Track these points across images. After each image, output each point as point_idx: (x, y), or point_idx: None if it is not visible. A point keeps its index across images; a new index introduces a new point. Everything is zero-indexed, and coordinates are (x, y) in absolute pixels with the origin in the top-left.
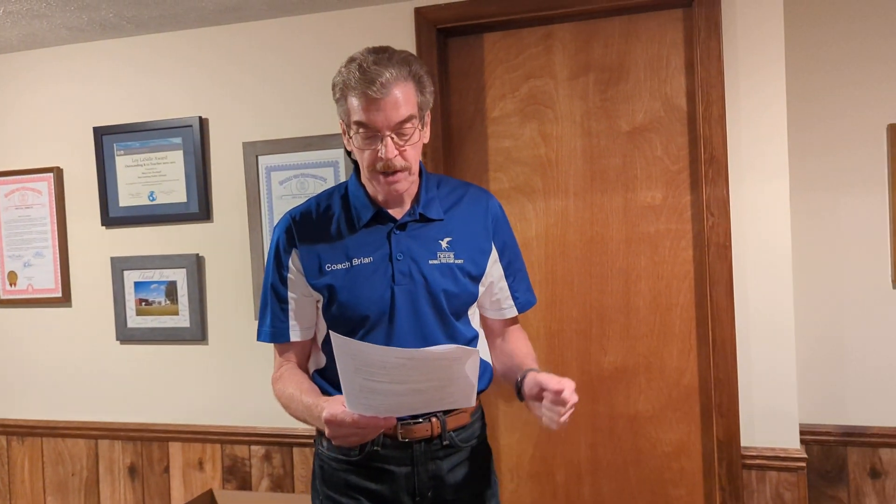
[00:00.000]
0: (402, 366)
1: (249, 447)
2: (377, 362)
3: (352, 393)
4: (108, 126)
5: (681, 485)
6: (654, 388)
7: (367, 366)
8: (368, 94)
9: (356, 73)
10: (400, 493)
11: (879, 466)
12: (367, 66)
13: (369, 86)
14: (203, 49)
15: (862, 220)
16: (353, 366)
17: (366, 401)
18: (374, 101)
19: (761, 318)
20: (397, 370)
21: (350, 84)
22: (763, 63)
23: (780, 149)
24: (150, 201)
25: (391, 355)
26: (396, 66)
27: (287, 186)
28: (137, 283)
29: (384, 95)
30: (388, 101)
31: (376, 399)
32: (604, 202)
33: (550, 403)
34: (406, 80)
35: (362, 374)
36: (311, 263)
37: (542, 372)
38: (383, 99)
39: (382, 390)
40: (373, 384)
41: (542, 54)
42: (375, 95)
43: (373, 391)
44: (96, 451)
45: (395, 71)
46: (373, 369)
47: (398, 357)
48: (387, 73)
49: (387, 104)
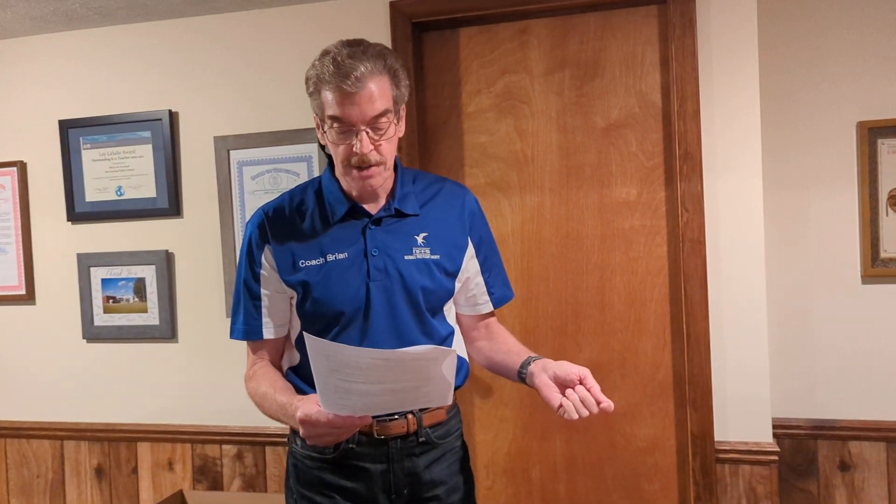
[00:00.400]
0: (377, 367)
1: (221, 446)
2: (352, 363)
3: (326, 393)
4: (74, 119)
5: (655, 479)
6: (629, 384)
7: (343, 367)
8: (343, 87)
9: (330, 67)
10: (375, 490)
11: (849, 459)
12: (341, 60)
13: (344, 80)
14: (173, 41)
15: (832, 217)
16: (328, 366)
17: (341, 401)
18: (349, 96)
19: (735, 313)
20: (373, 371)
21: (324, 78)
22: (737, 60)
23: (754, 145)
24: (118, 196)
25: (366, 356)
26: (371, 60)
27: (259, 181)
28: (105, 279)
29: (359, 89)
30: (362, 95)
31: (351, 399)
32: (579, 198)
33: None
34: (381, 73)
35: (337, 375)
36: (284, 259)
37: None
38: (358, 93)
39: (358, 390)
40: (348, 384)
41: (517, 49)
42: (350, 89)
43: (348, 391)
44: (62, 453)
45: (370, 64)
46: (348, 370)
47: (374, 358)
48: (361, 66)
49: (361, 98)
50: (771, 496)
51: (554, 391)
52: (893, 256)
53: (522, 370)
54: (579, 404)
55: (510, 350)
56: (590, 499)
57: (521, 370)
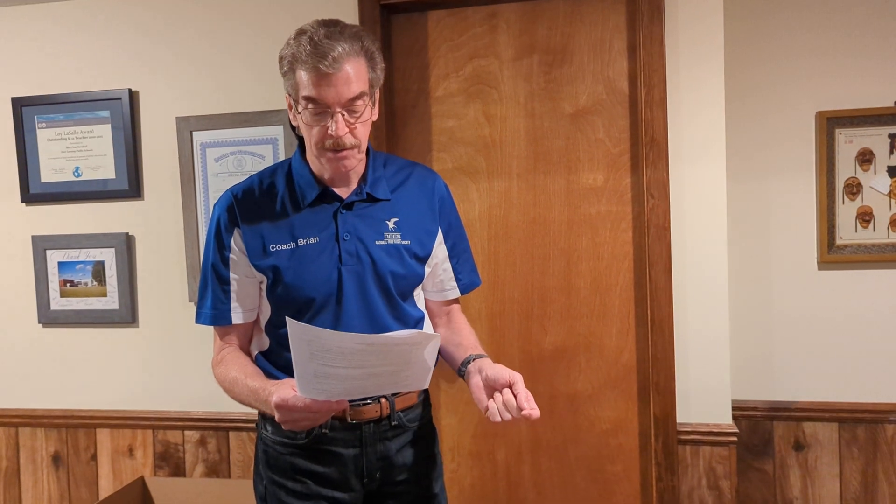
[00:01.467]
0: (360, 351)
1: (183, 432)
2: (334, 348)
3: (305, 378)
4: (29, 97)
5: (618, 461)
6: (594, 368)
7: (324, 351)
8: (320, 68)
9: (307, 47)
10: (348, 474)
11: (803, 439)
12: (318, 40)
13: (321, 60)
14: (134, 17)
15: (791, 204)
16: (309, 351)
17: (319, 385)
18: (326, 77)
19: (697, 298)
20: (355, 356)
21: (300, 57)
22: (703, 50)
23: (719, 133)
24: (76, 177)
25: (350, 341)
26: (349, 41)
27: (223, 164)
28: (61, 262)
29: (336, 70)
30: (339, 76)
31: (330, 384)
32: (546, 184)
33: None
34: (358, 55)
35: (318, 360)
36: (254, 243)
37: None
38: (335, 74)
39: (338, 375)
40: (328, 369)
41: (486, 34)
42: (327, 70)
43: (327, 376)
44: (17, 440)
45: (347, 46)
46: (329, 355)
47: (357, 343)
48: (339, 47)
49: (338, 80)
50: (730, 476)
51: (482, 393)
52: (849, 243)
53: (462, 367)
54: (502, 408)
55: (461, 343)
56: (554, 480)
57: (461, 367)
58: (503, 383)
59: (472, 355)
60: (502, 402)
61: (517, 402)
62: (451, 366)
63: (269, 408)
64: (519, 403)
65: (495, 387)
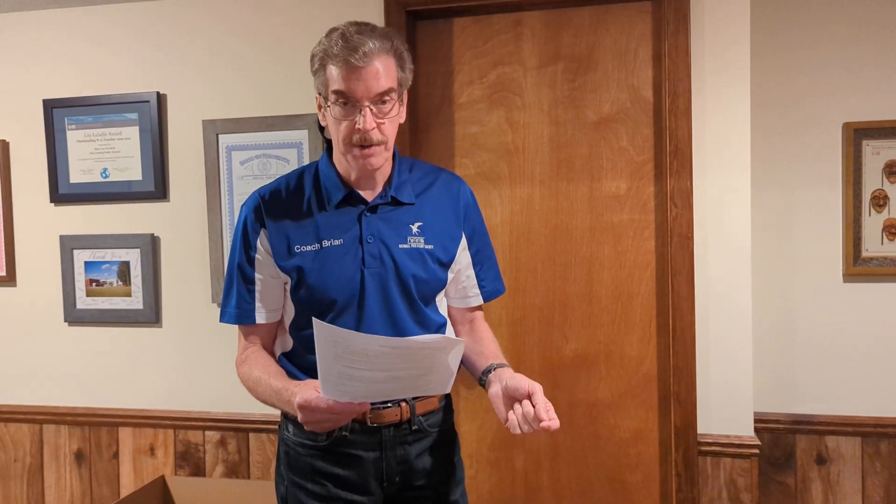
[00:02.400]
0: (385, 354)
1: (204, 432)
2: (359, 350)
3: (329, 379)
4: (60, 99)
5: (637, 470)
6: (614, 376)
7: (349, 353)
8: (350, 61)
9: (339, 42)
10: (368, 478)
11: (825, 453)
12: (349, 36)
13: (352, 53)
14: (163, 22)
15: (817, 216)
16: (334, 353)
17: (343, 387)
18: (356, 70)
19: (720, 308)
20: (380, 358)
21: (331, 52)
22: (729, 58)
23: (743, 143)
24: (103, 178)
25: (375, 343)
26: (379, 39)
27: (248, 167)
28: (88, 262)
29: (366, 64)
30: (369, 70)
31: (354, 385)
32: (569, 191)
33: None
34: (388, 53)
35: (343, 362)
36: (279, 244)
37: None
38: (365, 68)
39: (361, 377)
40: (352, 371)
41: (511, 41)
42: (357, 63)
43: (351, 378)
44: (41, 437)
45: (377, 42)
46: (354, 357)
47: (382, 345)
48: (370, 42)
49: (368, 74)
50: (751, 488)
51: (501, 404)
52: (875, 256)
53: (483, 376)
54: (522, 420)
55: (482, 352)
56: (572, 488)
57: (482, 376)
58: (523, 394)
59: (492, 364)
60: (522, 414)
61: (536, 413)
62: (472, 374)
63: (291, 408)
64: (538, 414)
65: (515, 397)
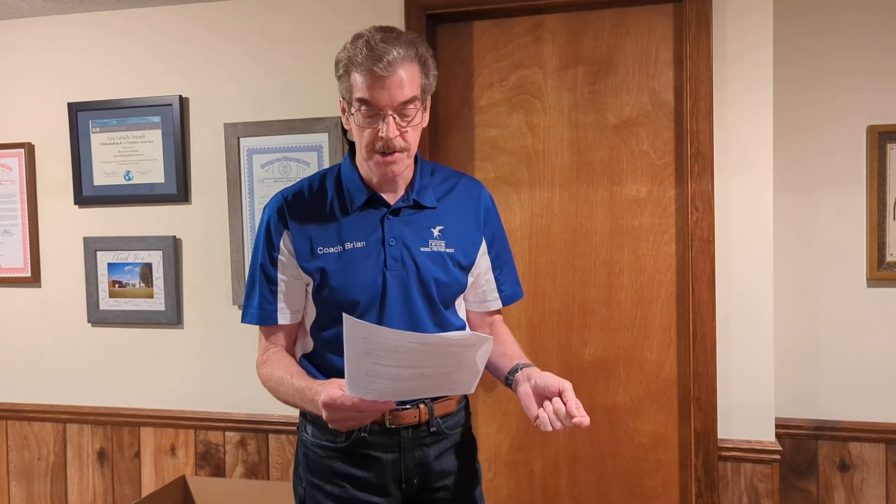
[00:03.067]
0: (414, 351)
1: (224, 433)
2: (389, 346)
3: (356, 376)
4: (84, 102)
5: (657, 476)
6: (633, 380)
7: (378, 349)
8: (374, 70)
9: (364, 50)
10: (386, 479)
11: (848, 460)
12: (374, 44)
13: (376, 63)
14: (185, 25)
15: (840, 220)
16: (363, 349)
17: (369, 385)
18: (380, 79)
19: (742, 312)
20: (409, 355)
21: (356, 60)
22: (752, 61)
23: (766, 146)
24: (126, 181)
25: (405, 340)
26: (404, 46)
27: (269, 170)
28: (111, 264)
29: (390, 74)
30: (393, 79)
31: (380, 383)
32: (589, 194)
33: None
34: (412, 60)
35: (371, 358)
36: (302, 246)
37: (538, 369)
38: (389, 77)
39: (389, 374)
40: (380, 368)
41: (531, 44)
42: (381, 73)
43: (378, 375)
44: (64, 436)
45: (402, 50)
46: (383, 353)
47: (412, 342)
48: (394, 51)
49: (392, 83)
50: (772, 495)
51: (532, 402)
52: None
53: (510, 376)
54: (553, 417)
55: (506, 353)
56: (591, 493)
57: (508, 376)
58: (553, 391)
59: (518, 364)
60: (553, 411)
61: (567, 410)
62: (497, 375)
63: (314, 407)
64: (569, 411)
65: (545, 395)
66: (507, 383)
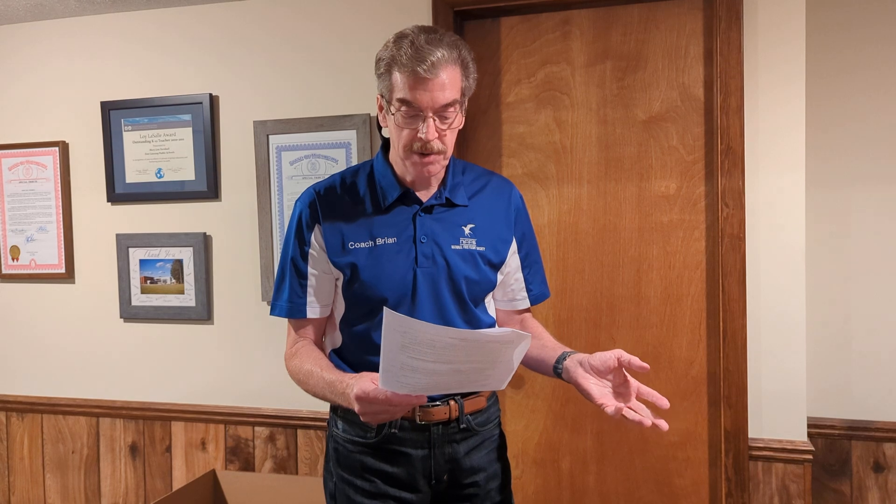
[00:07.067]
0: (453, 346)
1: (253, 428)
2: (427, 341)
3: (391, 370)
4: (116, 101)
5: (686, 475)
6: (662, 379)
7: (416, 344)
8: (418, 72)
9: (408, 50)
10: (416, 475)
11: (883, 461)
12: (419, 45)
13: (419, 64)
14: (215, 25)
15: (874, 217)
16: (401, 343)
17: (404, 379)
18: (423, 81)
19: (773, 310)
20: (446, 350)
21: (399, 60)
22: (783, 55)
23: (798, 142)
24: (158, 178)
25: (444, 335)
26: (447, 48)
27: (298, 167)
28: (143, 260)
29: (433, 76)
30: (435, 82)
31: (415, 377)
32: (617, 191)
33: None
34: (455, 63)
35: (408, 352)
36: (334, 240)
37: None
38: (432, 80)
39: (424, 369)
40: (416, 363)
41: (559, 40)
42: (425, 75)
43: (414, 370)
44: (97, 429)
45: (445, 53)
46: (421, 348)
47: (451, 337)
48: (438, 52)
49: (434, 85)
50: (804, 495)
51: (591, 384)
52: None
53: (558, 365)
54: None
55: (545, 345)
56: (619, 491)
57: (556, 365)
58: (611, 365)
59: (565, 352)
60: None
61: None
62: (541, 369)
63: (345, 400)
64: (656, 402)
65: (601, 371)
66: (556, 372)
